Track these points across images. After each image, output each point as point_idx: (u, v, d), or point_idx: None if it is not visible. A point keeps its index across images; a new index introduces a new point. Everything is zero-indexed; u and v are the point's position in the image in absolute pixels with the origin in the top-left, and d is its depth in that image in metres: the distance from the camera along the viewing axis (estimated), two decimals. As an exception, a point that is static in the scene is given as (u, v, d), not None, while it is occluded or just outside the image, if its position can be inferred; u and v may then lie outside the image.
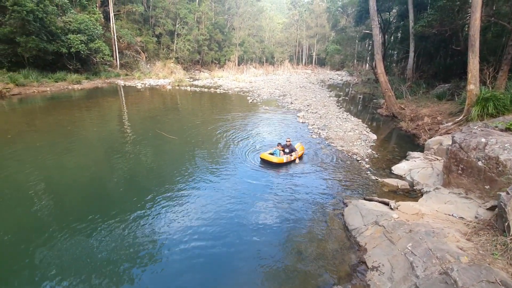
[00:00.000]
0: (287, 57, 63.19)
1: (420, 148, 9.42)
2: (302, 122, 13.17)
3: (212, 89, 24.76)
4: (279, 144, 8.43)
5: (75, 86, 21.84)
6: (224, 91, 23.92)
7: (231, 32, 49.83)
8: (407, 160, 8.34)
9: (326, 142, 10.20)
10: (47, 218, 5.16)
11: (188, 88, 25.00)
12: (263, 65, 52.81)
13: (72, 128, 11.07)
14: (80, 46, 22.34)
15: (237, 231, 4.99)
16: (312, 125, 12.47)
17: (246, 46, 51.84)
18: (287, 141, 8.51)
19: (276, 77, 38.66)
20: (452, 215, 4.93)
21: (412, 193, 6.54)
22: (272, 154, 8.12)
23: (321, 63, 65.52)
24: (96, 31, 24.06)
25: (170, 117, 13.93)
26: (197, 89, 24.62)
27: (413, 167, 7.56)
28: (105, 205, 5.74)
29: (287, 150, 8.33)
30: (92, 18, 24.42)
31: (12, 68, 19.80)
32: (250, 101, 19.02)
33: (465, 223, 4.55)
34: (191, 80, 31.92)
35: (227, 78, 33.22)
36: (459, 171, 5.65)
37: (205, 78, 33.74)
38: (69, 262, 4.12)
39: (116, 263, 4.15)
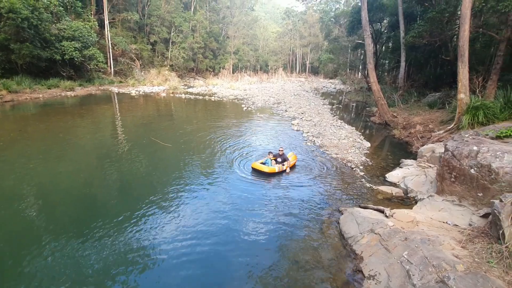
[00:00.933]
0: (281, 65, 63.88)
1: (413, 156, 9.52)
2: (297, 130, 13.24)
3: (206, 97, 24.80)
4: (270, 153, 8.34)
5: (68, 93, 21.64)
6: (218, 99, 23.97)
7: (226, 41, 50.30)
8: (401, 167, 8.42)
9: (321, 150, 10.25)
10: (38, 226, 5.03)
11: (183, 96, 24.99)
12: (257, 73, 53.24)
13: (64, 135, 10.91)
14: (74, 53, 22.25)
15: (232, 240, 4.93)
16: (307, 132, 12.54)
17: (241, 54, 52.30)
18: (279, 150, 8.35)
19: (271, 85, 38.97)
20: (447, 222, 4.96)
21: (406, 200, 6.58)
22: (263, 163, 7.93)
23: (315, 71, 66.38)
24: (91, 39, 24.03)
25: (165, 125, 13.85)
26: (192, 97, 24.63)
27: (406, 175, 7.63)
28: (97, 213, 5.62)
29: (279, 159, 8.18)
30: (86, 26, 24.41)
31: (5, 75, 19.54)
32: (244, 108, 19.09)
33: (459, 231, 4.58)
34: (186, 87, 31.95)
35: (222, 86, 33.36)
36: (452, 179, 5.72)
37: (199, 86, 33.81)
38: (61, 271, 4.00)
39: (108, 272, 4.04)
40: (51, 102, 18.40)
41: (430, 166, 7.82)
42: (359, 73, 41.02)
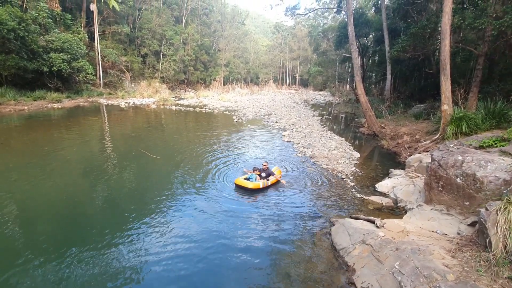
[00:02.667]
0: (272, 78, 64.96)
1: (402, 166, 9.68)
2: (287, 141, 13.32)
3: (197, 108, 24.79)
4: (255, 168, 8.09)
5: (55, 105, 21.24)
6: (209, 111, 23.99)
7: (217, 53, 50.93)
8: (390, 177, 8.53)
9: (311, 161, 10.31)
10: (19, 245, 4.79)
11: (173, 107, 24.91)
12: (248, 85, 53.84)
13: (49, 148, 10.61)
14: (62, 65, 22.00)
15: (222, 255, 4.80)
16: (297, 144, 12.63)
17: (232, 67, 52.93)
18: (263, 165, 8.08)
19: (261, 96, 39.37)
20: (436, 231, 5.01)
21: (396, 210, 6.63)
22: (247, 179, 7.62)
23: (304, 83, 67.68)
24: (80, 50, 23.88)
25: (154, 136, 13.70)
26: (182, 108, 24.57)
27: (396, 185, 7.73)
28: (81, 230, 5.42)
29: (263, 174, 7.90)
30: (76, 38, 24.28)
31: (-13, 87, 19.11)
32: (235, 120, 19.14)
33: (448, 240, 4.63)
34: (177, 99, 31.92)
35: (213, 98, 33.50)
36: (440, 188, 5.82)
37: (190, 98, 33.83)
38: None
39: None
40: (36, 114, 17.98)
41: (418, 176, 7.96)
42: (348, 85, 42.03)
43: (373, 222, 5.33)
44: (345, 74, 40.59)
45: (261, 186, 7.42)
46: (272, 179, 7.79)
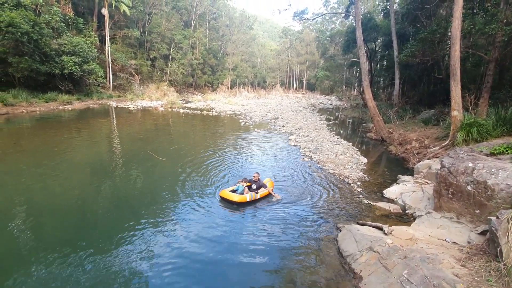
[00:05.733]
0: (279, 82, 65.04)
1: (410, 172, 9.56)
2: (294, 145, 13.28)
3: (204, 112, 24.96)
4: (244, 179, 7.36)
5: (66, 107, 21.67)
6: (216, 114, 24.13)
7: (225, 57, 51.32)
8: (398, 183, 8.42)
9: (318, 165, 10.25)
10: (27, 245, 4.88)
11: (181, 110, 25.13)
12: (255, 89, 53.97)
13: (59, 149, 10.81)
14: (73, 67, 22.47)
15: (226, 259, 4.79)
16: (304, 148, 12.58)
17: (239, 71, 53.24)
18: (254, 176, 7.41)
19: (268, 100, 39.44)
20: (445, 240, 4.92)
21: (404, 217, 6.53)
22: (234, 191, 6.99)
23: (311, 88, 67.57)
24: (91, 54, 24.37)
25: (161, 139, 13.83)
26: (190, 111, 24.77)
27: (404, 191, 7.62)
28: (89, 230, 5.50)
29: (254, 186, 7.22)
30: (87, 41, 24.82)
31: (1, 88, 19.57)
32: (242, 123, 19.19)
33: (458, 249, 4.54)
34: (184, 102, 32.22)
35: (220, 101, 33.69)
36: (450, 195, 5.71)
37: (198, 101, 34.09)
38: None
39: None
40: (47, 115, 18.36)
41: (427, 182, 7.83)
42: (355, 90, 41.80)
43: (380, 228, 5.25)
44: (352, 79, 40.42)
45: (247, 200, 6.74)
46: (262, 192, 7.13)
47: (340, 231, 5.56)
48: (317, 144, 13.35)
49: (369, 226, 5.55)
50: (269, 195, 7.31)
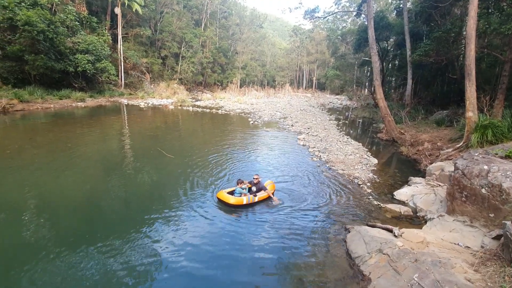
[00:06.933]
0: (288, 81, 64.79)
1: (422, 174, 9.37)
2: (303, 145, 13.21)
3: (213, 110, 25.09)
4: (241, 181, 6.93)
5: (79, 104, 22.15)
6: (225, 112, 24.21)
7: (234, 56, 51.43)
8: (409, 185, 8.27)
9: (327, 166, 10.16)
10: (41, 238, 5.01)
11: (190, 108, 25.33)
12: (264, 87, 53.93)
13: (72, 145, 11.05)
14: (87, 65, 22.95)
15: (233, 257, 4.79)
16: (313, 148, 12.50)
17: (248, 70, 53.27)
18: (254, 178, 7.09)
19: (277, 99, 39.32)
20: (458, 244, 4.80)
21: (415, 219, 6.41)
22: (232, 192, 6.78)
23: (321, 87, 67.04)
24: (104, 52, 24.82)
25: (171, 136, 13.98)
26: (199, 110, 24.94)
27: (415, 193, 7.48)
28: (99, 224, 5.62)
29: (254, 189, 6.98)
30: (100, 40, 25.28)
31: (17, 85, 20.16)
32: (251, 122, 19.21)
33: (471, 253, 4.43)
34: (194, 100, 32.45)
35: (229, 100, 33.77)
36: (463, 198, 5.58)
37: (207, 99, 34.29)
38: (62, 283, 3.94)
39: (107, 285, 3.98)
40: (61, 112, 18.80)
41: (439, 185, 7.66)
42: (366, 90, 41.25)
43: (390, 231, 5.17)
44: (363, 78, 39.88)
45: (244, 202, 6.51)
46: (261, 195, 6.83)
47: (349, 232, 5.50)
48: (326, 144, 13.24)
49: (378, 228, 5.47)
50: (268, 198, 6.99)
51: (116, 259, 4.51)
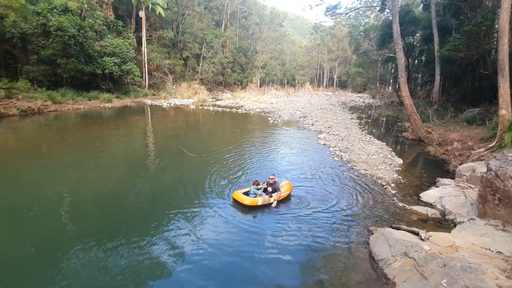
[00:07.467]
0: (308, 79, 63.97)
1: (450, 175, 8.94)
2: (323, 144, 13.02)
3: (233, 109, 25.32)
4: (257, 182, 6.83)
5: (106, 105, 23.18)
6: (245, 111, 24.36)
7: (254, 55, 51.53)
8: (437, 187, 7.91)
9: (349, 165, 9.96)
10: (69, 230, 5.34)
11: (211, 108, 25.73)
12: (284, 86, 53.62)
13: (100, 144, 11.62)
14: (113, 68, 23.97)
15: (252, 257, 4.81)
16: (334, 147, 12.29)
17: (268, 69, 53.19)
18: (270, 178, 7.01)
19: (297, 98, 38.99)
20: (489, 249, 4.55)
21: (444, 223, 6.14)
22: (247, 193, 6.76)
23: (343, 85, 65.62)
24: (129, 54, 25.81)
25: (192, 135, 14.29)
26: (219, 109, 25.27)
27: (444, 195, 7.15)
28: (123, 220, 5.89)
29: (270, 189, 6.92)
30: (126, 43, 26.29)
31: (51, 87, 21.45)
32: (270, 121, 19.19)
33: (503, 259, 4.19)
34: (214, 100, 32.93)
35: (249, 99, 33.92)
36: (496, 201, 5.27)
37: (227, 99, 34.66)
38: (86, 275, 4.17)
39: (129, 277, 4.17)
40: (90, 112, 19.78)
41: (470, 187, 7.28)
42: (390, 87, 39.84)
43: (417, 234, 4.99)
44: (387, 75, 38.47)
45: (259, 203, 6.46)
46: (276, 196, 6.75)
47: (372, 234, 5.37)
48: (347, 143, 12.96)
49: (404, 230, 5.29)
50: (284, 199, 6.97)
51: (138, 252, 4.71)
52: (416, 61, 28.97)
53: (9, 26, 18.79)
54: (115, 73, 24.42)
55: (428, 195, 7.38)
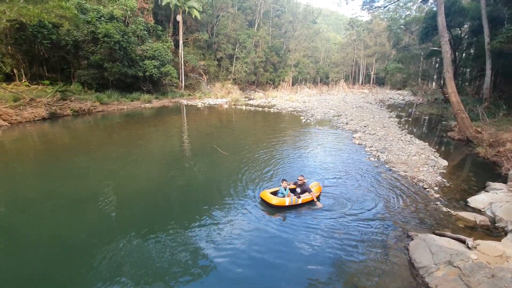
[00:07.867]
0: (343, 77, 61.90)
1: (502, 179, 8.14)
2: (359, 144, 12.56)
3: (266, 109, 25.42)
4: (284, 180, 6.76)
5: (146, 105, 24.66)
6: (277, 111, 24.33)
7: (287, 54, 51.17)
8: (487, 191, 7.26)
9: (386, 166, 9.51)
10: (113, 222, 5.81)
11: (244, 107, 26.09)
12: (317, 85, 52.55)
13: (141, 141, 12.42)
14: (153, 70, 25.45)
15: (282, 259, 4.75)
16: (370, 147, 11.80)
17: (301, 67, 52.49)
18: (299, 179, 6.94)
19: (331, 97, 38.00)
20: (551, 263, 4.08)
21: (493, 231, 5.62)
22: (275, 193, 6.69)
23: (380, 82, 62.59)
24: (167, 57, 27.19)
25: (225, 134, 14.64)
26: (252, 108, 25.53)
27: (494, 200, 6.54)
28: (159, 213, 6.25)
29: (298, 190, 6.83)
30: (164, 46, 27.72)
31: (99, 89, 23.38)
32: (303, 121, 18.96)
33: None
34: (247, 99, 33.32)
35: (281, 98, 33.80)
36: (560, 210, 4.70)
37: (259, 98, 34.86)
38: (127, 265, 4.49)
39: (169, 270, 4.41)
40: (132, 112, 21.19)
41: (526, 193, 6.57)
42: (433, 83, 37.08)
43: (463, 241, 4.64)
44: (430, 71, 35.81)
45: (287, 204, 6.37)
46: (305, 197, 6.60)
47: (412, 239, 5.09)
48: (385, 143, 12.37)
49: (448, 237, 4.95)
50: (312, 201, 6.70)
51: (172, 245, 4.97)
52: (463, 55, 26.60)
53: (63, 34, 20.85)
54: (154, 75, 25.88)
55: (477, 200, 6.80)
